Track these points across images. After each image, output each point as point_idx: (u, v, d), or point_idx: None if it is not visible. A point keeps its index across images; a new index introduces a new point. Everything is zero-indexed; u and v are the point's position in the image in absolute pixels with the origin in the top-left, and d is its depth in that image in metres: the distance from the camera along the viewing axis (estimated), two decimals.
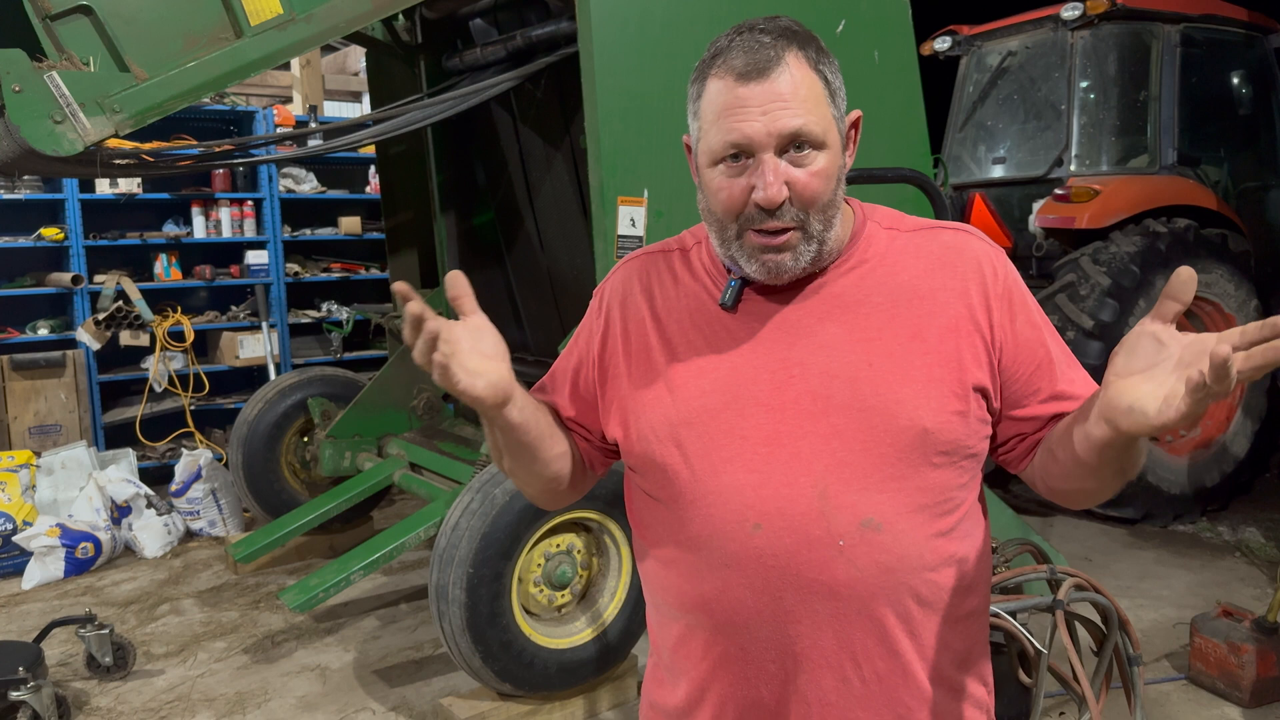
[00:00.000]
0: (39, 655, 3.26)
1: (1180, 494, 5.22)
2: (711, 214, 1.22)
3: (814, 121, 1.16)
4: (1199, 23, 5.73)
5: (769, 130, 1.14)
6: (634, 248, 3.25)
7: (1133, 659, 2.65)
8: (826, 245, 1.21)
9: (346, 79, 7.43)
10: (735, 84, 1.15)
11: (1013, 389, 1.24)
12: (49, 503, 4.97)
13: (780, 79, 1.14)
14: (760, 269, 1.20)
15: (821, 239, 1.20)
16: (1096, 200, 5.23)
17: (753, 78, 1.14)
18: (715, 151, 1.18)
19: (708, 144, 1.19)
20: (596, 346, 1.35)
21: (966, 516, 1.24)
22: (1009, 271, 1.27)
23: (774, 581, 1.18)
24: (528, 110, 4.28)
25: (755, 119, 1.14)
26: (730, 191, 1.18)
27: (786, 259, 1.19)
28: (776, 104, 1.14)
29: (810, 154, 1.16)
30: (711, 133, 1.18)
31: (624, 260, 1.41)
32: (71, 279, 5.56)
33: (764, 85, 1.14)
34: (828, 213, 1.20)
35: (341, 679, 3.67)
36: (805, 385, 1.20)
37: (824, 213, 1.19)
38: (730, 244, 1.21)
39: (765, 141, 1.14)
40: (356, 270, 6.75)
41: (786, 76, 1.15)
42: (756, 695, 1.23)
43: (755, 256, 1.19)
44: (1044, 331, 1.27)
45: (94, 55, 2.90)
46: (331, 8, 3.22)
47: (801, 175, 1.16)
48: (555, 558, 3.29)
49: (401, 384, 4.76)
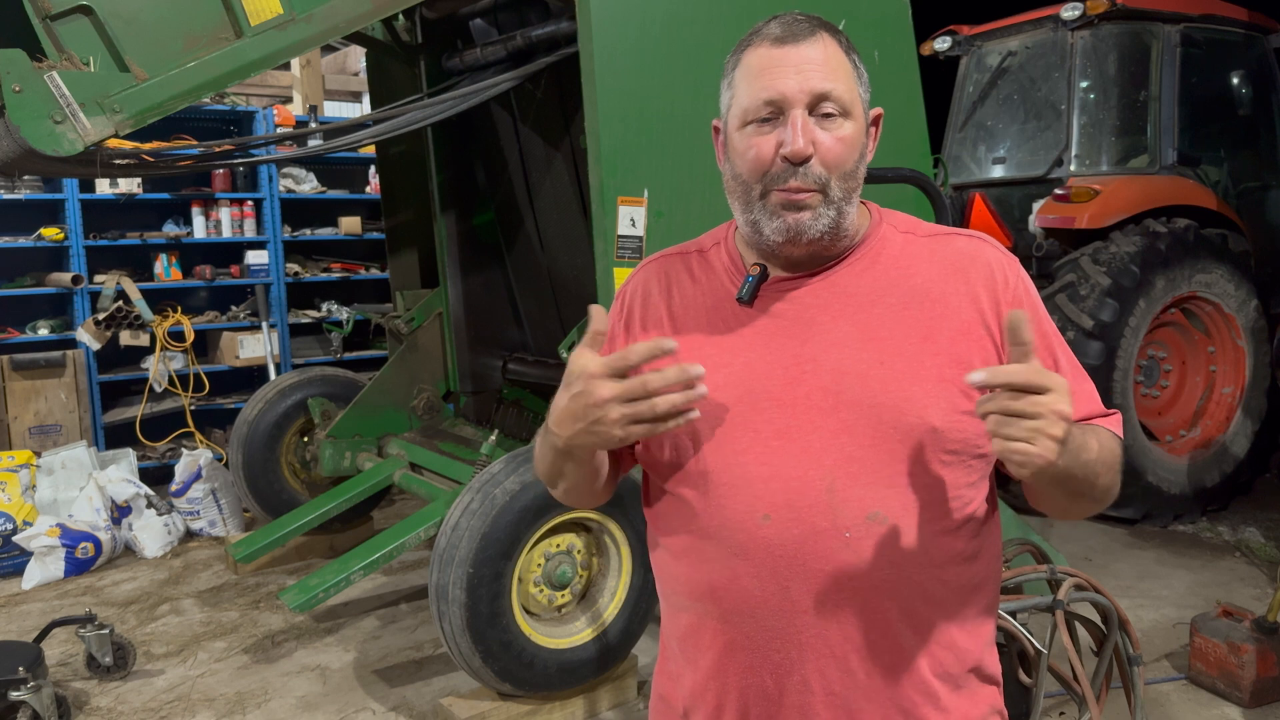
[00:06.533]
0: (39, 655, 3.26)
1: (1180, 494, 5.22)
2: (738, 179, 1.26)
3: (843, 89, 1.22)
4: (1199, 23, 5.73)
5: (801, 87, 1.20)
6: (634, 248, 3.25)
7: (1133, 659, 2.65)
8: (845, 219, 1.25)
9: (346, 79, 7.43)
10: (771, 47, 1.22)
11: None
12: (49, 503, 4.97)
13: (814, 46, 1.22)
14: (781, 227, 1.23)
15: (840, 209, 1.23)
16: (1096, 200, 5.23)
17: (789, 41, 1.22)
18: (748, 110, 1.23)
19: (740, 105, 1.24)
20: (620, 345, 1.39)
21: (975, 515, 1.25)
22: (1021, 280, 1.29)
23: (781, 571, 1.21)
24: (528, 110, 4.28)
25: (790, 76, 1.20)
26: (759, 149, 1.22)
27: (806, 218, 1.22)
28: (810, 65, 1.21)
29: (838, 120, 1.22)
30: (745, 93, 1.24)
31: (645, 262, 1.45)
32: (71, 279, 5.56)
33: (799, 49, 1.21)
34: (848, 183, 1.24)
35: (341, 679, 3.67)
36: (817, 381, 1.23)
37: (845, 182, 1.23)
38: (754, 205, 1.25)
39: (797, 97, 1.20)
40: (356, 270, 6.75)
41: (820, 46, 1.22)
42: (761, 684, 1.25)
43: (777, 213, 1.23)
44: (1053, 341, 1.28)
45: (94, 55, 2.90)
46: (331, 8, 3.22)
47: (827, 139, 1.21)
48: (555, 558, 3.29)
49: (401, 384, 4.76)
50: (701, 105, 3.17)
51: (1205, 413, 5.56)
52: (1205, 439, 5.46)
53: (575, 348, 1.17)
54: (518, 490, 3.14)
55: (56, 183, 5.65)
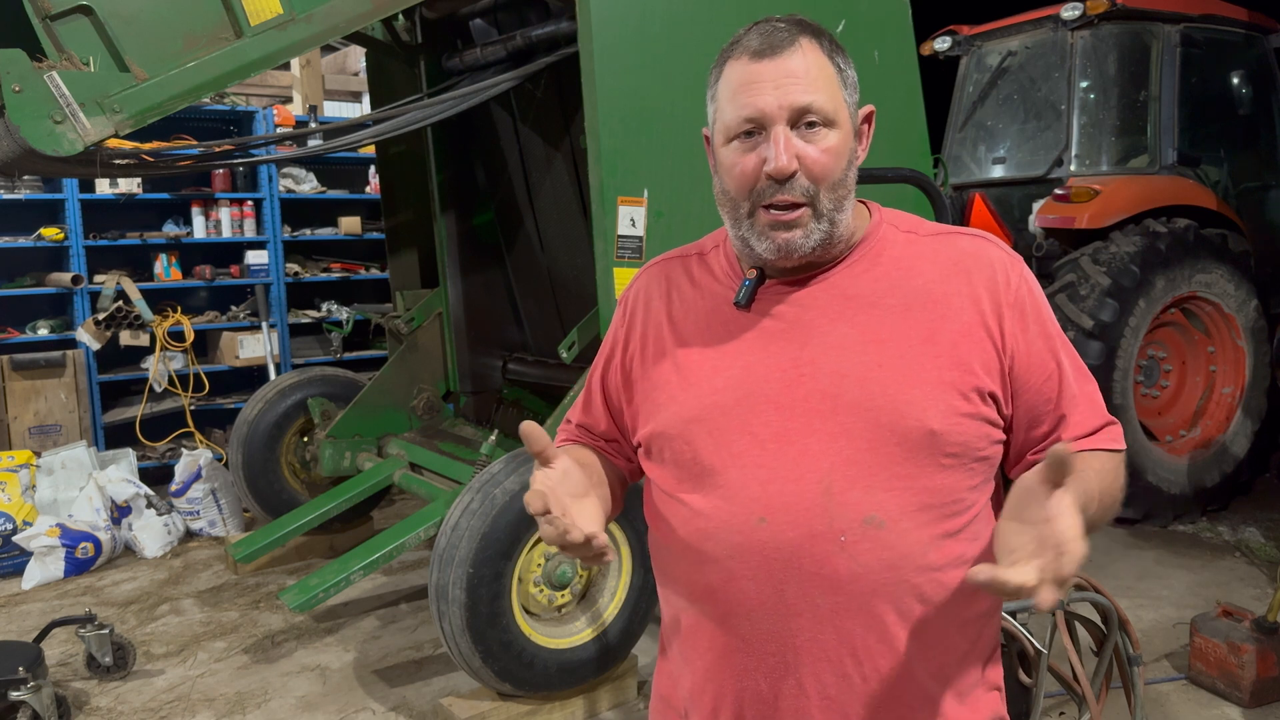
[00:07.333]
0: (39, 655, 3.26)
1: (1180, 494, 5.22)
2: (726, 195, 1.26)
3: (824, 100, 1.20)
4: (1199, 23, 5.73)
5: (780, 103, 1.19)
6: (634, 248, 3.25)
7: (1133, 659, 2.65)
8: (838, 228, 1.24)
9: (346, 79, 7.43)
10: (750, 62, 1.21)
11: (1024, 398, 1.25)
12: (49, 503, 4.97)
13: (793, 58, 1.20)
14: (771, 247, 1.23)
15: (832, 219, 1.22)
16: (1096, 200, 5.23)
17: (767, 55, 1.20)
18: (730, 127, 1.23)
19: (723, 121, 1.24)
20: (620, 351, 1.40)
21: (978, 519, 1.24)
22: (1025, 280, 1.27)
23: (777, 574, 1.20)
24: (528, 110, 4.28)
25: (768, 93, 1.19)
26: (743, 166, 1.22)
27: (797, 236, 1.21)
28: (788, 79, 1.19)
29: (821, 131, 1.20)
30: (727, 109, 1.23)
31: (646, 266, 1.46)
32: (71, 279, 5.56)
33: (777, 62, 1.20)
34: (838, 192, 1.22)
35: (341, 679, 3.67)
36: (815, 384, 1.22)
37: (834, 191, 1.22)
38: (742, 223, 1.25)
39: (777, 114, 1.19)
40: (356, 270, 6.75)
41: (799, 56, 1.20)
42: (756, 687, 1.25)
43: (766, 234, 1.22)
44: (1057, 343, 1.27)
45: (94, 55, 2.89)
46: (331, 8, 3.22)
47: (812, 150, 1.20)
48: (555, 558, 3.28)
49: (401, 384, 4.76)
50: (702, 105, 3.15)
51: (1205, 413, 5.56)
52: (1205, 439, 5.45)
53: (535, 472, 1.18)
54: (518, 490, 3.14)
55: (56, 183, 5.65)
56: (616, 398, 1.42)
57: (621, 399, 1.41)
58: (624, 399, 1.40)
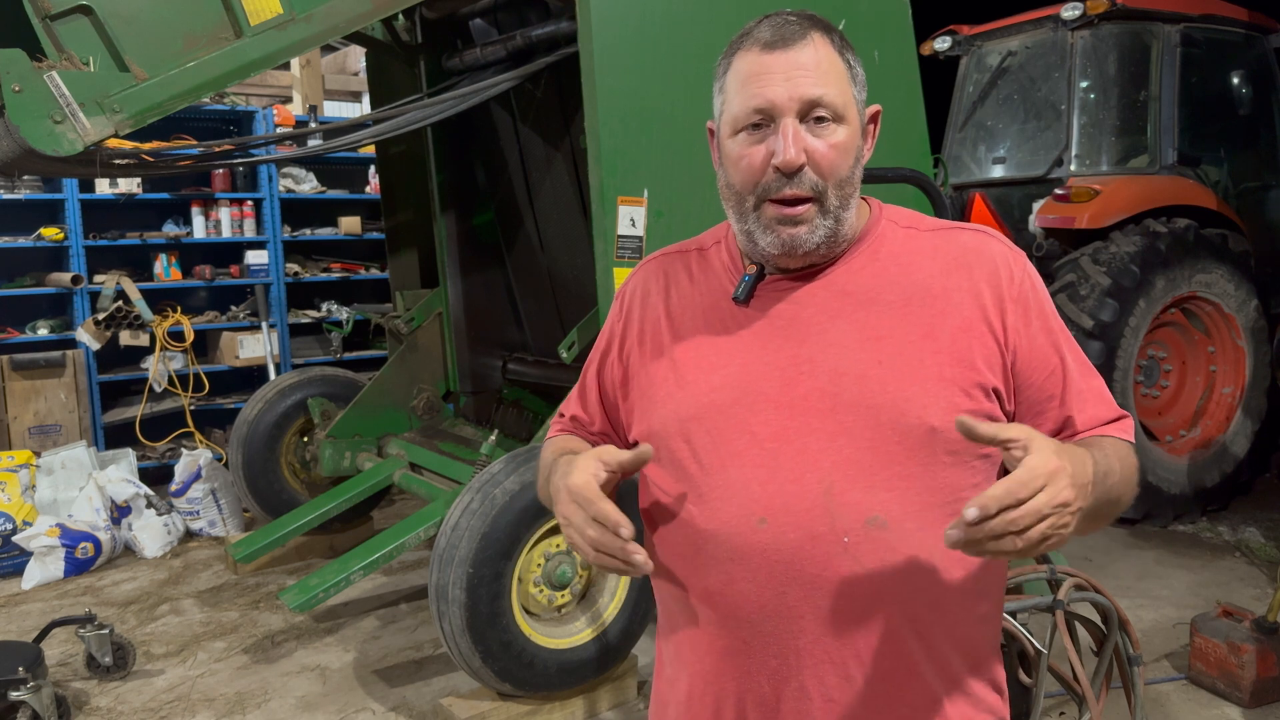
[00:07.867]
0: (39, 655, 3.26)
1: (1180, 494, 5.22)
2: (731, 188, 1.24)
3: (834, 94, 1.19)
4: (1199, 23, 5.73)
5: (790, 95, 1.17)
6: (634, 248, 3.25)
7: (1133, 659, 2.65)
8: (842, 226, 1.23)
9: (346, 79, 7.43)
10: (760, 53, 1.20)
11: (1026, 394, 1.24)
12: (49, 503, 4.97)
13: (804, 50, 1.19)
14: (775, 241, 1.21)
15: (838, 217, 1.21)
16: (1096, 200, 5.23)
17: (778, 47, 1.19)
18: (738, 118, 1.21)
19: (731, 112, 1.22)
20: (616, 346, 1.39)
21: None
22: (1027, 275, 1.26)
23: (778, 576, 1.19)
24: (528, 110, 4.28)
25: (778, 84, 1.17)
26: (750, 159, 1.20)
27: (802, 232, 1.20)
28: (799, 71, 1.18)
29: (830, 126, 1.19)
30: (735, 100, 1.21)
31: (644, 261, 1.44)
32: (71, 279, 5.56)
33: (788, 54, 1.18)
34: (844, 189, 1.21)
35: (341, 679, 3.67)
36: (814, 383, 1.21)
37: (841, 189, 1.21)
38: (747, 216, 1.23)
39: (787, 106, 1.17)
40: (356, 270, 6.75)
41: (810, 49, 1.19)
42: (758, 690, 1.23)
43: (771, 228, 1.21)
44: (1060, 338, 1.25)
45: (94, 55, 2.89)
46: (331, 8, 3.22)
47: (820, 145, 1.18)
48: (555, 558, 3.28)
49: (401, 384, 4.76)
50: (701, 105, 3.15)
51: (1205, 413, 5.56)
52: (1205, 439, 5.45)
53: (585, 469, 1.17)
54: (517, 490, 3.13)
55: (56, 183, 5.65)
56: (612, 393, 1.40)
57: (617, 394, 1.39)
58: (620, 395, 1.38)
